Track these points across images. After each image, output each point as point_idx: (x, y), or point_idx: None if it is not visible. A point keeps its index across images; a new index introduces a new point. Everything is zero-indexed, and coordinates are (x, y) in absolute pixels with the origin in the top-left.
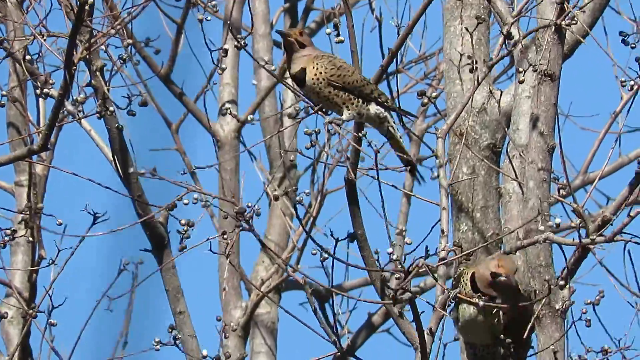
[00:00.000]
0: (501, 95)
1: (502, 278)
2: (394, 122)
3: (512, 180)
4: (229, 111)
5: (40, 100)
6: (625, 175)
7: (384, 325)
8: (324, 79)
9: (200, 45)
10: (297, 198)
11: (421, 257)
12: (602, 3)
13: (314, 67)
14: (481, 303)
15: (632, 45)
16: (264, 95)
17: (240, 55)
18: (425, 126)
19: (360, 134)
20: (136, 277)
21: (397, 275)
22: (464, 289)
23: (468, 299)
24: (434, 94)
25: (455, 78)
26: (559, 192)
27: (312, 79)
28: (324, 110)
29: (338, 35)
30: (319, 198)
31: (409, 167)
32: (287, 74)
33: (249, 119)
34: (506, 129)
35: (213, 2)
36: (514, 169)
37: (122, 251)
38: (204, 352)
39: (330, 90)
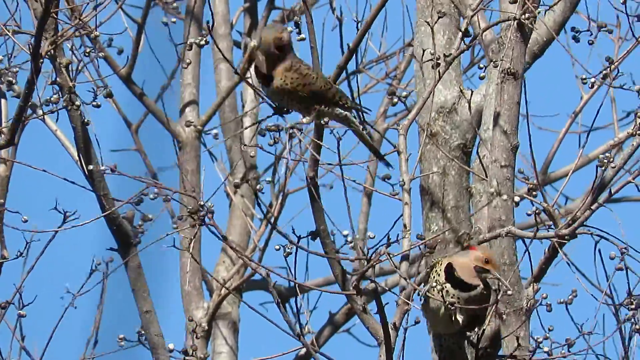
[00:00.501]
0: (472, 95)
1: (491, 275)
2: (354, 119)
3: (483, 180)
4: (193, 125)
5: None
6: (585, 175)
7: (345, 325)
8: (289, 90)
9: (160, 46)
10: (258, 187)
11: (383, 245)
12: (572, 2)
13: (282, 78)
14: (450, 302)
15: (590, 41)
16: (225, 96)
17: (201, 55)
18: (385, 126)
19: (322, 121)
20: (106, 276)
21: (358, 263)
22: (435, 278)
23: (435, 297)
24: (404, 94)
25: (425, 77)
26: (528, 191)
27: (279, 86)
28: (285, 109)
29: (299, 33)
30: (280, 198)
31: (377, 155)
32: (251, 72)
33: (213, 133)
34: (476, 129)
35: (174, 4)
36: (484, 168)
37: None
38: (170, 346)
39: (294, 98)
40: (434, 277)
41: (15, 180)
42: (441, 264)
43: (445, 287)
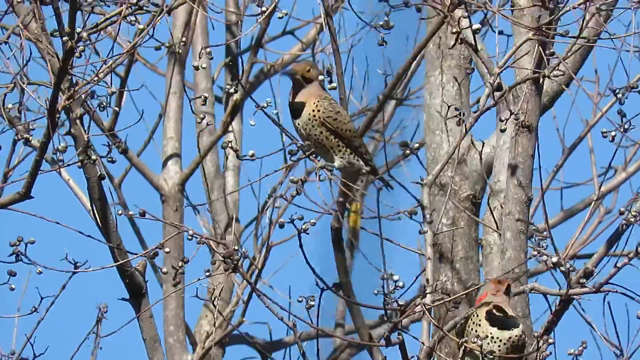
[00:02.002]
0: (483, 146)
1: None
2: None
3: (493, 232)
4: (229, 144)
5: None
6: (565, 228)
7: None
8: (319, 118)
9: (142, 100)
10: (242, 251)
11: (418, 295)
12: (582, 53)
13: (314, 104)
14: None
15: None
16: (206, 150)
17: (183, 108)
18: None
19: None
20: (100, 322)
21: (390, 312)
22: (476, 328)
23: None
24: (416, 146)
25: (435, 129)
26: (538, 244)
27: (309, 114)
28: (311, 149)
29: (331, 82)
30: (263, 251)
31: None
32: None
33: (249, 154)
34: (487, 180)
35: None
36: (495, 220)
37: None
38: None
39: (322, 131)
40: (471, 328)
41: (27, 229)
42: (478, 315)
43: (491, 333)
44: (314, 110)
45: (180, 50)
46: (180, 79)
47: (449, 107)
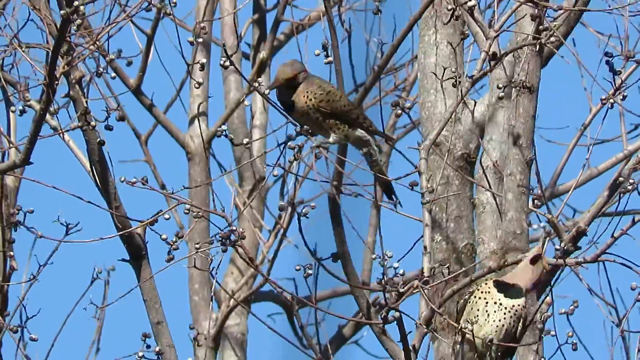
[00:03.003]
0: (475, 105)
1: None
2: (375, 145)
3: (486, 191)
4: (224, 133)
5: (11, 113)
6: (593, 188)
7: (354, 336)
8: (313, 105)
9: (170, 57)
10: (303, 210)
11: (416, 278)
12: (576, 13)
13: (304, 96)
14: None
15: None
16: (233, 107)
17: (210, 66)
18: (395, 137)
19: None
20: (108, 284)
21: (387, 294)
22: (485, 295)
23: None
24: (408, 105)
25: (429, 88)
26: (533, 202)
27: (303, 107)
28: (310, 132)
29: (327, 56)
30: (289, 210)
31: (386, 191)
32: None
33: (244, 142)
34: (480, 139)
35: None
36: (487, 179)
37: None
38: None
39: (319, 116)
40: (478, 297)
41: (25, 192)
42: (487, 283)
43: (499, 299)
44: (306, 103)
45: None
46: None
47: (444, 69)
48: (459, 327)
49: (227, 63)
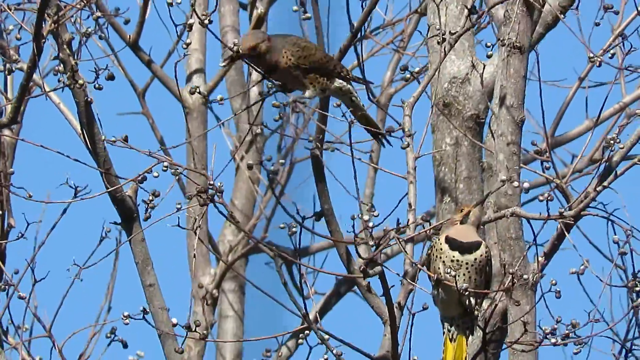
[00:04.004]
0: (484, 67)
1: (471, 212)
2: (356, 92)
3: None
4: (197, 90)
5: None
6: (595, 134)
7: (351, 288)
8: (293, 64)
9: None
10: (271, 168)
11: (392, 229)
12: None
13: (283, 56)
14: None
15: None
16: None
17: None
18: (393, 90)
19: (335, 105)
20: (119, 243)
21: (366, 247)
22: (439, 254)
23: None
24: (417, 69)
25: (438, 48)
26: (541, 164)
27: (286, 63)
28: (288, 88)
29: (305, 12)
30: (287, 166)
31: (375, 134)
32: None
33: (218, 98)
34: (488, 101)
35: None
36: (495, 142)
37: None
38: (174, 320)
39: (299, 73)
40: (436, 255)
41: (19, 154)
42: (439, 240)
43: (455, 256)
44: (286, 63)
45: None
46: None
47: (428, 26)
48: (435, 277)
49: (207, 21)
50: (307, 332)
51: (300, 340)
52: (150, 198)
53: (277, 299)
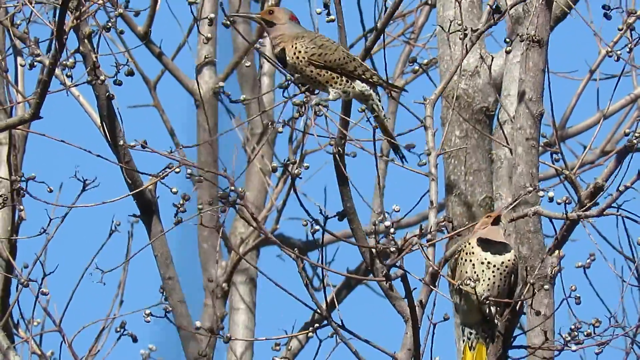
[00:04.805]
0: (492, 60)
1: (499, 215)
2: (379, 100)
3: (504, 146)
4: (221, 89)
5: (19, 68)
6: (604, 127)
7: (361, 282)
8: (303, 58)
9: (178, 3)
10: (295, 171)
11: (414, 235)
12: None
13: (292, 46)
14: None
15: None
16: (242, 54)
17: (217, 12)
18: (403, 82)
19: (360, 110)
20: (132, 236)
21: (389, 249)
22: (469, 257)
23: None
24: (426, 61)
25: (446, 40)
26: (551, 156)
27: (292, 58)
28: (310, 89)
29: (328, 14)
30: (298, 157)
31: (393, 146)
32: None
33: (241, 99)
34: (497, 94)
35: None
36: (504, 135)
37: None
38: (197, 324)
39: (312, 70)
40: (464, 259)
41: (36, 148)
42: (470, 243)
43: (486, 258)
44: (295, 54)
45: None
46: None
47: (450, 22)
48: (456, 285)
49: (228, 22)
50: (321, 325)
51: (310, 334)
52: (181, 202)
53: (292, 293)
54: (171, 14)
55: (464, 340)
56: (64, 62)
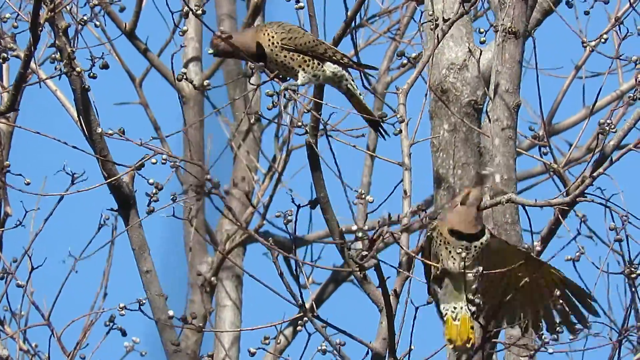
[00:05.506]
0: (481, 53)
1: (470, 197)
2: (352, 80)
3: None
4: (184, 76)
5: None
6: (591, 124)
7: (349, 277)
8: (278, 42)
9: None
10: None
11: (385, 225)
12: None
13: (264, 34)
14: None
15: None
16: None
17: (205, 8)
18: (389, 79)
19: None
20: (115, 229)
21: (362, 238)
22: (444, 245)
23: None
24: (414, 55)
25: (434, 35)
26: (539, 150)
27: (269, 46)
28: (280, 77)
29: (298, 1)
30: (283, 153)
31: (372, 123)
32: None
33: (205, 84)
34: (486, 88)
35: None
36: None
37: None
38: (170, 313)
39: (286, 55)
40: (438, 244)
41: (15, 142)
42: (441, 231)
43: (463, 244)
44: (269, 40)
45: None
46: None
47: (421, 12)
48: (438, 267)
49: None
50: (304, 320)
51: (299, 327)
52: (154, 191)
53: (274, 289)
54: (157, 10)
55: (445, 315)
56: (51, 57)
